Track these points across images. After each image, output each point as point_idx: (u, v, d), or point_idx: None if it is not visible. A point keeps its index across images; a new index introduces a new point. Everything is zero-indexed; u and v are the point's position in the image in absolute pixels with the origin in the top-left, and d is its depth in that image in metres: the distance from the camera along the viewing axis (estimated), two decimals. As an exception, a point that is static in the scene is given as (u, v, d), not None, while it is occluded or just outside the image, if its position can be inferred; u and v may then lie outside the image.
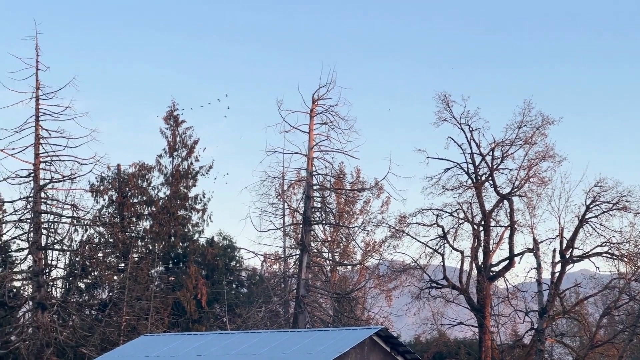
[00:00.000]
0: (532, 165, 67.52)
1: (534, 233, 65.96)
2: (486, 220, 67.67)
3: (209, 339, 47.69)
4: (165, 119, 78.96)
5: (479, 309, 67.08)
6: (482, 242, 67.50)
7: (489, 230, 67.67)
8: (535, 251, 65.00)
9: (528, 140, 67.36)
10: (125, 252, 72.71)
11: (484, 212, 67.72)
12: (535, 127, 67.31)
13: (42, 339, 62.78)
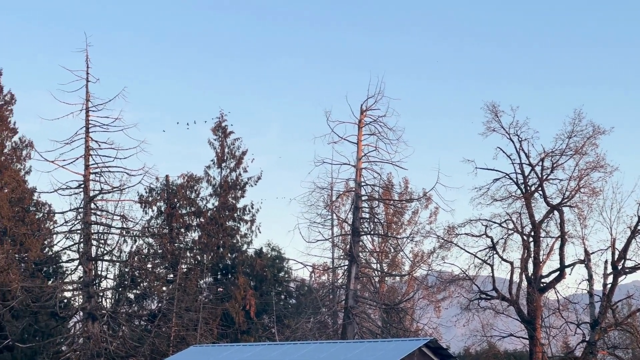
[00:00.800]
0: (583, 176, 66.88)
1: (585, 244, 65.36)
2: (536, 231, 67.10)
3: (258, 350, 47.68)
4: (214, 130, 79.23)
5: (530, 321, 66.52)
6: (532, 253, 66.94)
7: (539, 241, 67.08)
8: (587, 262, 64.38)
9: (578, 151, 66.75)
10: (174, 263, 72.98)
11: (534, 222, 67.17)
12: (586, 137, 66.68)
13: (93, 349, 63.12)
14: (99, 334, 63.93)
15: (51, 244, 74.49)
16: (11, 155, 76.51)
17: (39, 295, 65.22)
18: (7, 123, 76.47)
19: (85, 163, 65.05)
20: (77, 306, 67.45)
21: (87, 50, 64.45)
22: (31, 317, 68.78)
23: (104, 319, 65.02)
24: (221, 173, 78.71)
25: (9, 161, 76.12)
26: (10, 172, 74.91)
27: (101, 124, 65.14)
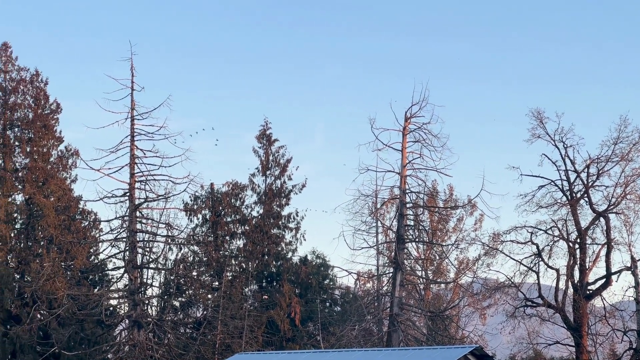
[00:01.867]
0: (629, 182, 66.28)
1: (631, 251, 64.78)
2: (582, 238, 66.59)
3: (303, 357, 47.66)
4: (258, 138, 79.39)
5: (576, 328, 65.98)
6: (578, 260, 66.44)
7: (585, 248, 66.56)
8: (633, 269, 63.79)
9: (624, 157, 66.16)
10: (219, 271, 73.15)
11: (580, 229, 66.66)
12: (632, 143, 66.10)
13: (139, 357, 63.38)
14: (145, 342, 64.18)
15: (97, 252, 74.97)
16: (57, 164, 77.10)
17: (85, 303, 65.63)
18: (53, 132, 77.08)
19: (130, 171, 65.41)
20: (122, 314, 67.79)
21: (132, 59, 64.94)
22: (77, 324, 69.20)
23: (149, 326, 65.28)
24: (266, 181, 78.87)
25: (55, 170, 76.70)
26: (56, 180, 75.50)
27: (146, 132, 65.56)
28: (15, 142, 76.12)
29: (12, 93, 76.30)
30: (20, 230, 76.04)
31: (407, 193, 64.63)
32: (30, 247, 75.14)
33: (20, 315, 72.20)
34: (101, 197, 65.07)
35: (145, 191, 65.72)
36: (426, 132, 63.71)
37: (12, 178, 75.50)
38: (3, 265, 72.69)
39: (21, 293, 73.16)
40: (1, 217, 72.89)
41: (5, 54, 76.90)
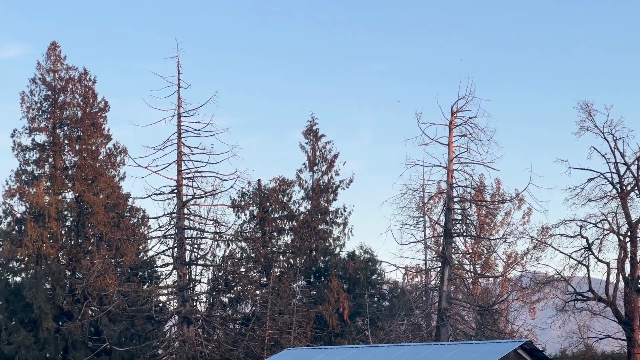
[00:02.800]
0: (681, 174, 65.63)
1: (683, 244, 64.11)
2: (633, 231, 66.02)
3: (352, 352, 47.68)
4: (305, 134, 79.46)
5: (627, 322, 65.46)
6: (629, 254, 65.88)
7: (636, 241, 65.99)
8: (685, 262, 63.14)
9: (676, 148, 65.51)
10: (267, 267, 73.36)
11: (630, 222, 66.10)
12: (683, 134, 65.45)
13: (188, 353, 63.76)
14: (194, 338, 64.55)
15: (146, 249, 75.48)
16: (106, 162, 77.69)
17: (135, 300, 66.10)
18: (101, 130, 77.68)
19: (178, 168, 65.77)
20: (172, 310, 68.22)
21: (178, 56, 65.31)
22: (128, 321, 69.73)
23: (198, 322, 65.64)
24: (313, 176, 78.95)
25: (104, 167, 77.30)
26: (105, 178, 76.10)
27: (193, 129, 65.89)
28: (64, 141, 76.80)
29: (62, 92, 76.99)
30: (70, 227, 76.75)
31: (454, 187, 64.47)
32: (81, 245, 75.82)
33: (72, 311, 72.92)
34: (149, 194, 65.55)
35: (192, 188, 66.13)
36: (472, 126, 63.50)
37: (62, 176, 76.21)
38: (55, 263, 73.44)
39: (72, 290, 73.87)
40: (52, 215, 73.62)
41: (54, 54, 77.60)
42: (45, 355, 72.23)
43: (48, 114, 76.65)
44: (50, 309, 72.21)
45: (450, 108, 63.90)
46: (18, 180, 75.72)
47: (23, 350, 70.64)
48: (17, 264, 74.97)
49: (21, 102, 76.66)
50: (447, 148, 63.94)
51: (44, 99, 76.85)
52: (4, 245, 73.74)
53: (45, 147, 76.42)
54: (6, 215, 75.75)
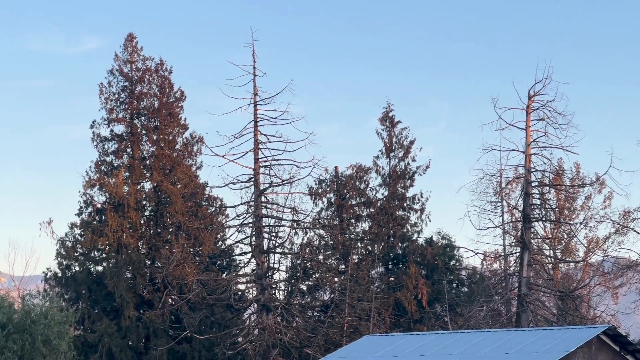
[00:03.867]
0: None
1: None
2: None
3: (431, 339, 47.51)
4: (381, 120, 79.19)
5: None
6: None
7: None
8: None
9: None
10: (345, 254, 73.35)
11: None
12: None
13: (268, 340, 64.04)
14: (274, 325, 64.80)
15: (224, 238, 75.93)
16: (183, 151, 78.24)
17: (214, 288, 66.53)
18: (178, 119, 78.22)
19: (254, 157, 65.96)
20: (251, 298, 68.54)
21: (253, 45, 65.40)
22: (207, 309, 70.23)
23: (277, 310, 65.87)
24: (389, 163, 78.67)
25: (181, 157, 77.86)
26: (182, 167, 76.66)
27: (269, 118, 65.98)
28: (142, 131, 77.50)
29: (138, 83, 77.68)
30: (149, 217, 77.50)
31: (533, 172, 63.91)
32: (160, 234, 76.54)
33: (152, 300, 73.69)
34: (226, 183, 65.83)
35: (269, 176, 66.28)
36: (550, 109, 62.89)
37: (141, 166, 76.96)
38: (134, 252, 74.26)
39: (152, 278, 74.63)
40: (131, 205, 74.41)
41: (131, 45, 78.30)
42: (128, 343, 73.13)
43: (126, 105, 77.40)
44: (131, 297, 73.06)
45: (528, 92, 63.36)
46: (97, 170, 76.62)
47: (106, 338, 71.59)
48: (99, 253, 75.95)
49: (99, 93, 77.56)
50: (525, 132, 63.42)
51: (122, 90, 77.62)
52: (86, 235, 74.75)
53: (124, 137, 77.20)
54: (87, 206, 76.74)
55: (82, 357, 71.23)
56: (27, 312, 56.16)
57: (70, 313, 58.61)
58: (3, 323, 55.07)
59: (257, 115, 65.88)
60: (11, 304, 57.96)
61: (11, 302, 58.69)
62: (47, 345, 55.30)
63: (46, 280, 75.83)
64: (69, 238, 75.82)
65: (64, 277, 75.40)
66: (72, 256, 75.25)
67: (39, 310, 56.52)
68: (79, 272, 75.20)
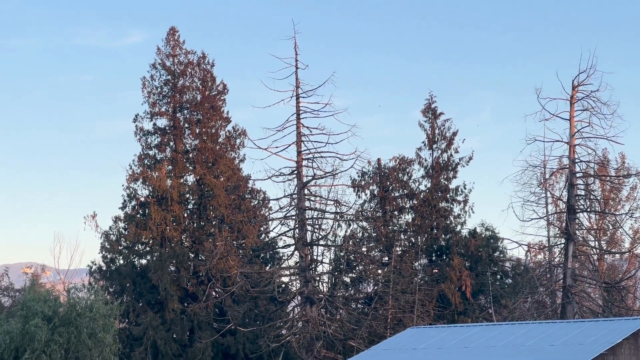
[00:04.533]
0: None
1: None
2: None
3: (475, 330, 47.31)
4: (424, 112, 78.92)
5: None
6: None
7: None
8: None
9: None
10: (388, 246, 73.21)
11: None
12: None
13: (312, 333, 64.07)
14: (317, 318, 64.82)
15: (267, 230, 75.99)
16: (225, 144, 78.41)
17: (258, 281, 66.65)
18: (220, 112, 78.40)
19: (297, 149, 65.94)
20: (294, 291, 68.58)
21: (295, 37, 65.40)
22: (251, 301, 70.39)
23: (321, 302, 65.87)
24: (432, 154, 78.40)
25: (224, 150, 78.04)
26: (225, 160, 76.84)
27: (311, 110, 65.97)
28: (185, 124, 77.76)
29: (181, 76, 77.93)
30: (192, 210, 77.76)
31: (577, 162, 63.51)
32: (203, 227, 76.76)
33: (196, 293, 73.96)
34: (269, 176, 65.88)
35: (312, 168, 66.26)
36: (595, 99, 62.47)
37: (183, 159, 77.22)
38: (178, 245, 74.54)
39: (196, 271, 74.90)
40: (175, 198, 74.70)
41: (173, 39, 78.56)
42: (172, 335, 73.46)
43: (168, 98, 77.68)
44: (175, 290, 73.37)
45: (571, 82, 62.92)
46: (141, 164, 76.98)
47: (151, 331, 71.95)
48: (142, 246, 76.34)
49: (142, 87, 77.92)
50: (569, 123, 62.99)
51: (164, 84, 77.91)
52: (130, 229, 75.14)
53: (166, 131, 77.50)
54: (130, 199, 77.14)
55: (127, 350, 71.65)
56: (73, 306, 56.56)
57: (115, 306, 58.95)
58: (49, 316, 55.51)
59: (299, 107, 65.86)
60: (57, 298, 58.42)
61: (57, 296, 59.17)
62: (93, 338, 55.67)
63: (91, 274, 76.34)
64: (113, 231, 76.28)
65: (108, 270, 75.88)
66: (116, 249, 75.70)
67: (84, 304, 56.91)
68: (123, 265, 75.65)
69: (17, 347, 54.33)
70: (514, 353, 41.64)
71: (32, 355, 53.78)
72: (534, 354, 40.76)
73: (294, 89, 65.68)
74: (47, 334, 54.44)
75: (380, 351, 48.33)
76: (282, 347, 67.90)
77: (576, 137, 62.96)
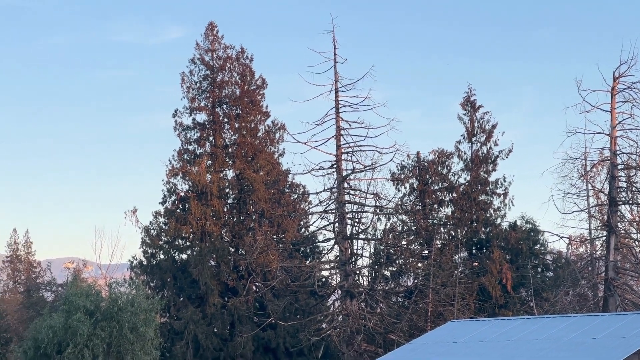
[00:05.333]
0: None
1: None
2: None
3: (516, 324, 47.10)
4: (463, 105, 78.66)
5: None
6: None
7: None
8: None
9: None
10: (428, 239, 73.09)
11: None
12: None
13: (352, 326, 64.11)
14: (358, 311, 64.84)
15: (307, 224, 76.09)
16: (265, 139, 78.57)
17: (298, 275, 66.75)
18: (259, 107, 78.56)
19: (336, 143, 65.94)
20: (335, 284, 68.63)
21: (333, 31, 65.37)
22: (291, 295, 70.53)
23: (361, 296, 65.89)
24: (471, 147, 78.13)
25: (263, 144, 78.20)
26: (264, 155, 77.01)
27: (350, 104, 65.93)
28: (224, 119, 77.98)
29: (220, 71, 78.16)
30: (232, 205, 78.00)
31: (618, 154, 63.04)
32: (243, 221, 76.98)
33: (236, 287, 74.22)
34: (309, 170, 65.95)
35: (352, 162, 66.24)
36: (636, 91, 61.90)
37: (223, 154, 77.45)
38: (218, 240, 74.80)
39: (236, 266, 75.14)
40: (214, 193, 74.95)
41: (212, 34, 78.79)
42: (213, 330, 73.76)
43: (207, 93, 77.93)
44: (215, 285, 73.66)
45: (612, 73, 62.41)
46: (180, 159, 77.31)
47: (192, 325, 72.29)
48: (183, 241, 76.68)
49: (181, 82, 78.24)
50: (610, 115, 62.50)
51: (203, 79, 78.17)
52: (170, 224, 75.51)
53: (206, 125, 77.76)
54: (170, 194, 77.50)
55: (168, 344, 72.05)
56: (114, 300, 56.94)
57: (156, 301, 59.27)
58: (91, 311, 55.92)
59: (338, 101, 65.84)
60: (98, 292, 58.84)
61: (98, 291, 59.60)
62: (134, 333, 56.01)
63: (132, 269, 76.82)
64: (153, 226, 76.69)
65: (149, 265, 76.31)
66: (156, 244, 76.10)
67: (125, 298, 57.27)
68: (163, 260, 76.04)
69: (60, 342, 54.76)
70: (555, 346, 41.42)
71: (74, 349, 54.19)
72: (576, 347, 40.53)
73: (333, 83, 65.70)
74: (89, 329, 54.84)
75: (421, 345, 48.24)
76: (323, 341, 67.98)
77: (617, 129, 62.48)
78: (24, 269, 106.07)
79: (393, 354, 47.70)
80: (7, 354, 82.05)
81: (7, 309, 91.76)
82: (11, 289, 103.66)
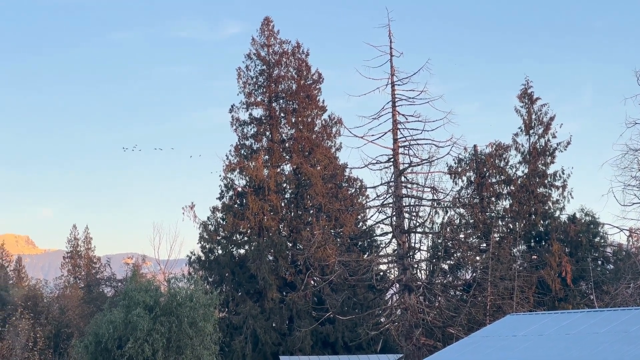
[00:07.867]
0: None
1: None
2: None
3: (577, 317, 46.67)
4: (520, 97, 78.14)
5: None
6: None
7: None
8: None
9: None
10: (486, 233, 72.71)
11: None
12: None
13: (410, 320, 63.96)
14: (416, 305, 64.67)
15: (364, 219, 76.06)
16: (322, 133, 78.60)
17: (356, 269, 66.71)
18: (316, 101, 78.60)
19: (393, 137, 65.79)
20: (393, 278, 68.51)
21: (389, 25, 65.22)
22: (349, 290, 70.53)
23: (419, 290, 65.70)
24: (529, 140, 77.59)
25: (320, 139, 78.24)
26: (321, 149, 77.04)
27: (407, 98, 65.73)
28: (280, 114, 78.13)
29: (276, 66, 78.32)
30: (290, 199, 78.13)
31: (679, 145, 62.18)
32: (300, 216, 77.08)
33: (294, 282, 74.35)
34: (366, 164, 65.84)
35: (409, 156, 66.05)
36: (697, 81, 60.97)
37: (280, 149, 77.62)
38: (276, 234, 74.97)
39: (294, 261, 75.27)
40: (272, 188, 75.12)
41: (268, 29, 78.96)
42: (272, 324, 73.97)
43: (264, 88, 78.13)
44: (274, 279, 73.84)
45: (672, 63, 61.64)
46: (237, 154, 77.59)
47: (250, 320, 72.56)
48: (240, 236, 76.95)
49: (238, 77, 78.50)
50: (670, 105, 61.67)
51: (259, 74, 78.37)
52: (227, 219, 75.80)
53: (262, 121, 77.96)
54: (228, 190, 77.80)
55: (227, 339, 72.36)
56: (173, 295, 57.24)
57: (215, 295, 59.50)
58: (150, 306, 56.27)
59: (394, 95, 65.68)
60: (157, 288, 59.21)
61: (157, 286, 59.97)
62: (193, 327, 56.28)
63: (190, 264, 77.24)
64: (211, 222, 77.04)
65: (207, 260, 76.67)
66: (214, 240, 76.43)
67: (184, 293, 57.54)
68: (221, 255, 76.36)
69: (121, 337, 55.19)
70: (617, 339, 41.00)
71: (135, 344, 54.57)
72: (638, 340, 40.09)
73: (389, 77, 65.51)
74: (149, 324, 55.18)
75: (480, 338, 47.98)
76: (381, 335, 67.90)
77: (678, 119, 61.67)
78: (84, 265, 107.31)
79: (451, 348, 47.51)
80: (69, 348, 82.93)
81: (68, 304, 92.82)
82: (72, 284, 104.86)
